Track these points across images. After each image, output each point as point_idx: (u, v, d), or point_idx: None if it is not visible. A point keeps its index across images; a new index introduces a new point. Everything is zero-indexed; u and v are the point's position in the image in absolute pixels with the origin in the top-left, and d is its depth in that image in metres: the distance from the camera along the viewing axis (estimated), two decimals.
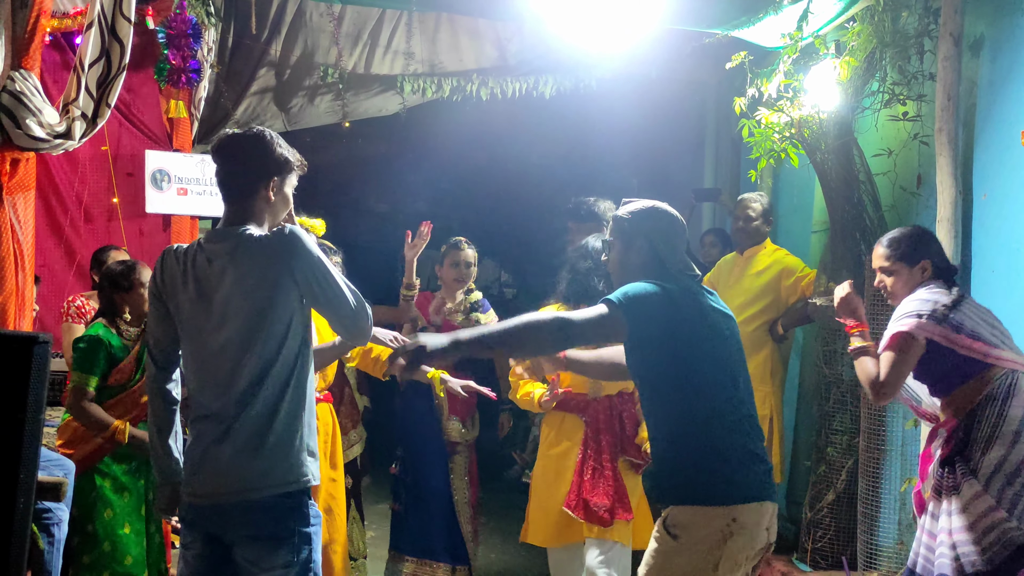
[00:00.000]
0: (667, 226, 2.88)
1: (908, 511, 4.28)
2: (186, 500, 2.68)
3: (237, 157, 2.68)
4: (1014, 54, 3.78)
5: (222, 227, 2.68)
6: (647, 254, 2.83)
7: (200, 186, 5.14)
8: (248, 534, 2.59)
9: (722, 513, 2.58)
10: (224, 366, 2.58)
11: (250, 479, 2.57)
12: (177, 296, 2.65)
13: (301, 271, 2.56)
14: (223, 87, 5.35)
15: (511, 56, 5.74)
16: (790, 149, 4.59)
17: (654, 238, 2.84)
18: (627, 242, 2.87)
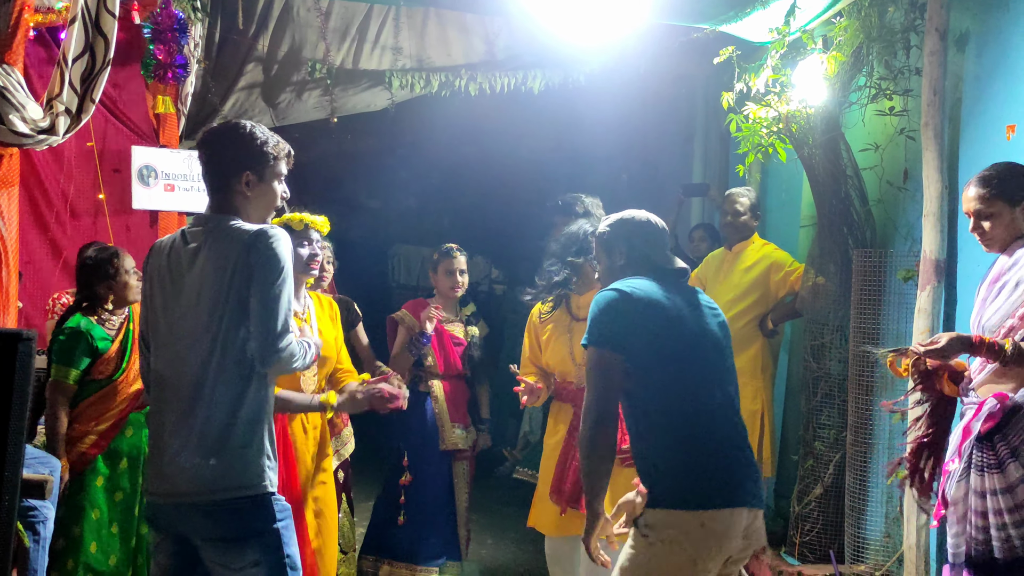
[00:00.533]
0: (643, 228, 2.96)
1: (895, 505, 4.30)
2: (148, 500, 2.66)
3: (213, 149, 2.68)
4: (999, 49, 3.79)
5: (203, 214, 2.67)
6: (629, 255, 2.93)
7: (187, 182, 5.11)
8: (212, 536, 2.55)
9: (690, 518, 2.59)
10: (186, 354, 2.55)
11: (208, 481, 2.51)
12: (160, 282, 2.63)
13: (258, 274, 2.51)
14: (210, 82, 5.32)
15: (499, 51, 5.73)
16: (778, 144, 4.59)
17: (633, 240, 2.93)
18: (609, 251, 2.98)
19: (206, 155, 2.69)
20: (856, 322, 4.41)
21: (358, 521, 4.83)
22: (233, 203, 2.64)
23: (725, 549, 2.62)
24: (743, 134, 4.62)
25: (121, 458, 3.97)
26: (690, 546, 2.57)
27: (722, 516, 2.60)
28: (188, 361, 2.54)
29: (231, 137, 2.65)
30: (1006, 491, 2.78)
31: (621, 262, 2.93)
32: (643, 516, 2.64)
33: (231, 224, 2.58)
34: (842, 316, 4.58)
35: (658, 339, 2.71)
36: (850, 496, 4.40)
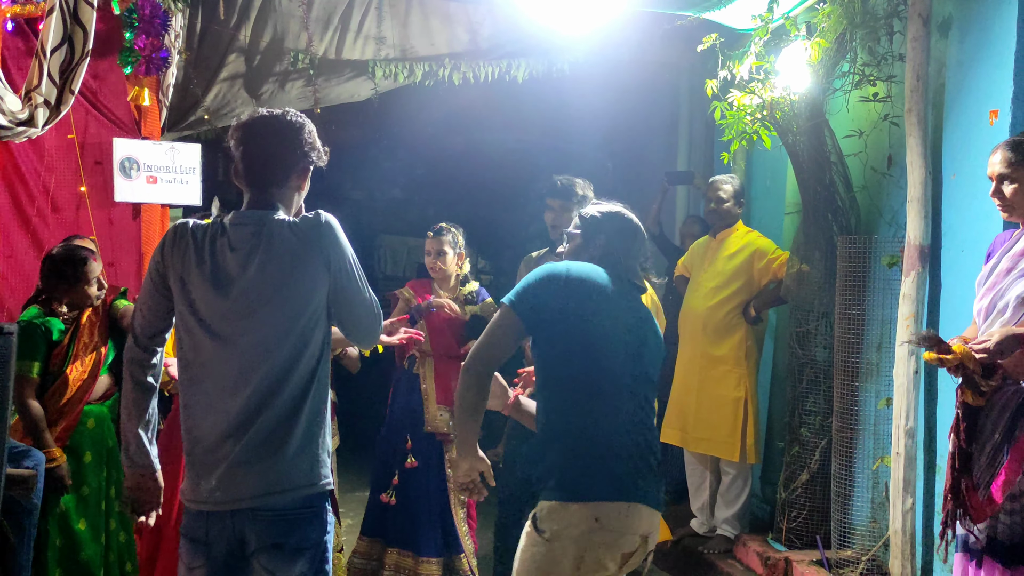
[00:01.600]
0: (629, 232, 2.92)
1: (880, 490, 4.32)
2: (196, 509, 2.49)
3: (273, 142, 2.50)
4: (981, 34, 3.80)
5: (248, 210, 2.52)
6: (602, 252, 2.86)
7: (170, 174, 5.07)
8: (272, 542, 2.45)
9: (584, 511, 2.56)
10: (243, 360, 2.43)
11: (272, 482, 2.42)
12: (187, 277, 2.47)
13: (336, 262, 2.46)
14: (192, 74, 5.27)
15: (483, 40, 5.70)
16: (762, 131, 4.60)
17: (613, 239, 2.88)
18: (588, 238, 2.91)
19: (266, 147, 2.51)
20: (841, 308, 4.42)
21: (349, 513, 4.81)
22: (285, 198, 2.54)
23: (621, 544, 2.57)
24: (727, 121, 4.62)
25: (84, 452, 3.91)
26: (584, 540, 2.54)
27: (618, 510, 2.57)
28: (254, 370, 2.42)
29: (298, 129, 2.52)
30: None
31: (594, 253, 2.88)
32: (538, 509, 2.61)
33: (279, 220, 2.48)
34: (827, 302, 4.59)
35: (576, 329, 2.66)
36: (836, 482, 4.42)
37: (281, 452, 2.43)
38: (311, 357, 2.48)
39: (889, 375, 4.20)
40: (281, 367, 2.43)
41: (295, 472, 2.45)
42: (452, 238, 4.57)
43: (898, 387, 4.09)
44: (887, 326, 4.32)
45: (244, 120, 2.52)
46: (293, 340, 2.44)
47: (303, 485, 2.46)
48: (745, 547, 4.91)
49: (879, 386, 4.35)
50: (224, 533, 2.45)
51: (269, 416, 2.43)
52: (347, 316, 2.54)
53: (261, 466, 2.42)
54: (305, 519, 2.47)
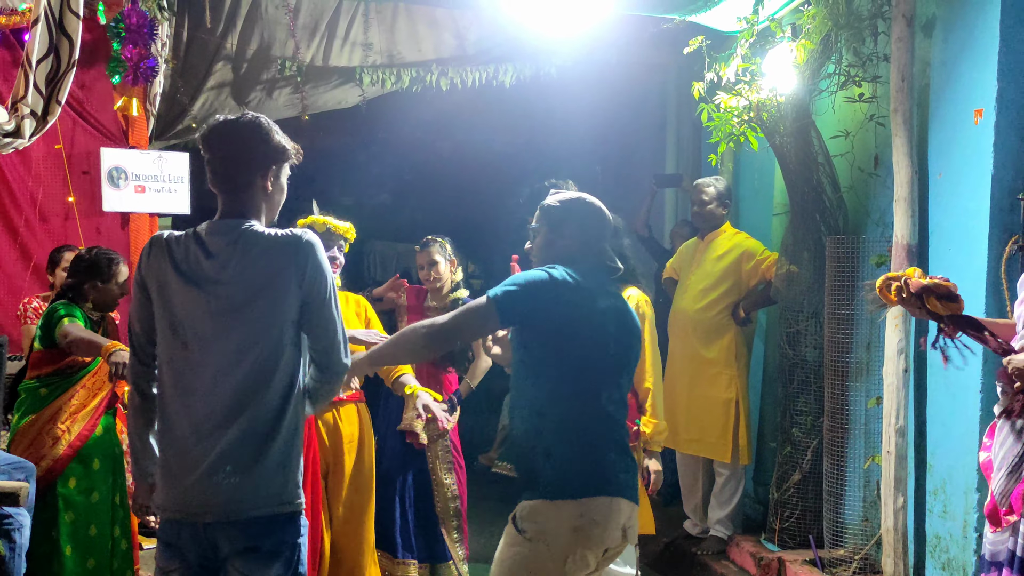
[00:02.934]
0: (596, 215, 2.91)
1: (872, 489, 4.34)
2: (167, 517, 2.48)
3: (233, 145, 2.50)
4: (965, 34, 3.82)
5: (220, 220, 2.52)
6: (574, 239, 2.84)
7: (158, 183, 5.07)
8: (246, 546, 2.44)
9: (572, 507, 2.57)
10: (215, 365, 2.42)
11: (247, 497, 2.41)
12: (164, 288, 2.47)
13: (309, 283, 2.44)
14: (179, 82, 5.28)
15: (470, 45, 5.71)
16: (749, 133, 4.62)
17: (585, 223, 2.87)
18: (555, 228, 2.87)
19: (226, 150, 2.51)
20: (830, 308, 4.43)
21: None
22: (253, 202, 2.53)
23: (605, 539, 2.60)
24: (714, 123, 4.64)
25: (93, 459, 3.93)
26: (572, 537, 2.56)
27: (603, 504, 2.60)
28: (228, 375, 2.41)
29: (257, 132, 2.51)
30: None
31: (564, 242, 2.84)
32: (519, 509, 2.62)
33: (258, 232, 2.48)
34: (816, 303, 4.61)
35: (563, 336, 2.68)
36: (828, 481, 4.44)
37: (253, 468, 2.42)
38: (285, 374, 2.46)
39: (879, 374, 4.21)
40: (253, 378, 2.42)
41: (266, 490, 2.44)
42: (440, 247, 4.60)
43: (888, 386, 4.10)
44: (876, 326, 4.33)
45: (205, 128, 2.54)
46: (265, 350, 2.43)
47: (274, 504, 2.45)
48: (738, 548, 4.92)
49: (869, 385, 4.37)
50: (196, 538, 2.45)
51: (241, 427, 2.41)
52: (314, 338, 2.52)
53: (231, 480, 2.41)
54: (279, 523, 2.47)
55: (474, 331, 2.79)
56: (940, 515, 3.96)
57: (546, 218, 2.91)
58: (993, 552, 2.90)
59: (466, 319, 2.70)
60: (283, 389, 2.47)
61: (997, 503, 2.84)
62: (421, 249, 4.62)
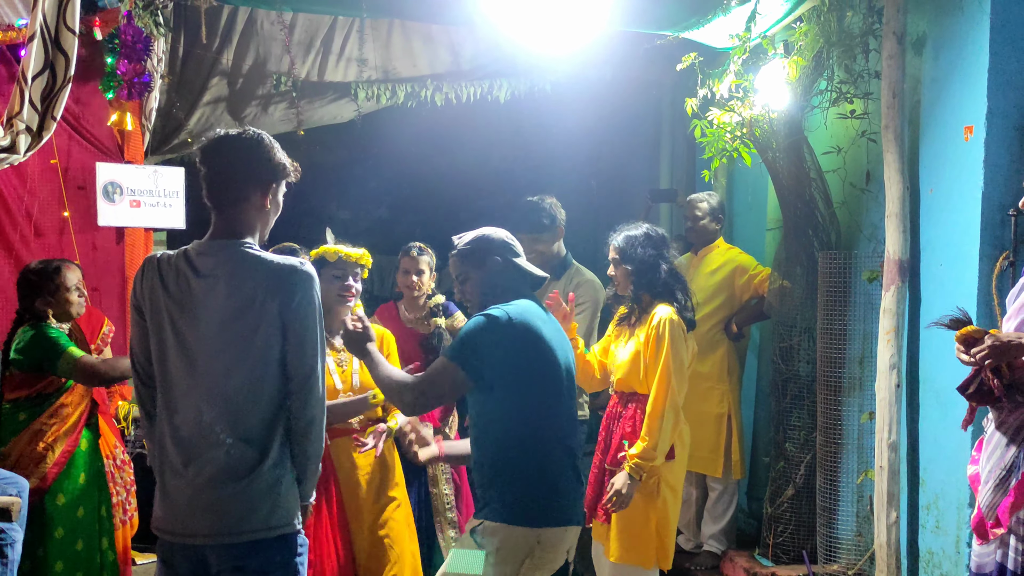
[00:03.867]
0: (498, 243, 3.05)
1: (865, 503, 4.34)
2: (162, 539, 2.49)
3: (231, 160, 2.47)
4: (955, 51, 3.85)
5: (213, 239, 2.50)
6: (502, 266, 3.01)
7: (153, 198, 5.09)
8: (234, 565, 2.43)
9: (529, 534, 2.78)
10: (204, 385, 2.41)
11: (236, 522, 2.41)
12: (155, 310, 2.46)
13: (293, 313, 2.42)
14: (175, 97, 5.30)
15: (465, 61, 5.74)
16: (742, 148, 4.64)
17: (502, 252, 3.03)
18: (479, 265, 3.02)
19: (222, 165, 2.48)
20: (823, 323, 4.45)
21: None
22: (246, 220, 2.50)
23: (555, 562, 2.84)
24: (708, 139, 4.67)
25: (79, 473, 3.93)
26: (522, 559, 2.78)
27: (557, 533, 2.82)
28: (214, 398, 2.41)
29: (257, 149, 2.49)
30: None
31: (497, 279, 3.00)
32: (480, 527, 2.80)
33: (252, 254, 2.45)
34: (809, 318, 4.62)
35: (526, 367, 2.84)
36: (821, 496, 4.44)
37: (241, 494, 2.41)
38: (271, 399, 2.46)
39: (871, 389, 4.22)
40: (239, 402, 2.41)
41: (255, 515, 2.42)
42: (429, 259, 4.60)
43: (880, 401, 4.11)
44: (869, 341, 4.34)
45: (204, 142, 2.52)
46: (251, 375, 2.42)
47: (261, 529, 2.43)
48: (732, 563, 4.91)
49: (862, 400, 4.38)
50: (187, 555, 2.46)
51: (228, 451, 2.40)
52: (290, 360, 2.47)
53: (219, 505, 2.40)
54: (266, 544, 2.45)
55: (450, 393, 2.92)
56: (933, 530, 3.96)
57: (466, 261, 3.06)
58: (979, 564, 2.89)
59: (438, 384, 2.84)
60: (269, 414, 2.46)
61: (984, 516, 2.84)
62: (417, 254, 4.57)
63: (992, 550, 2.84)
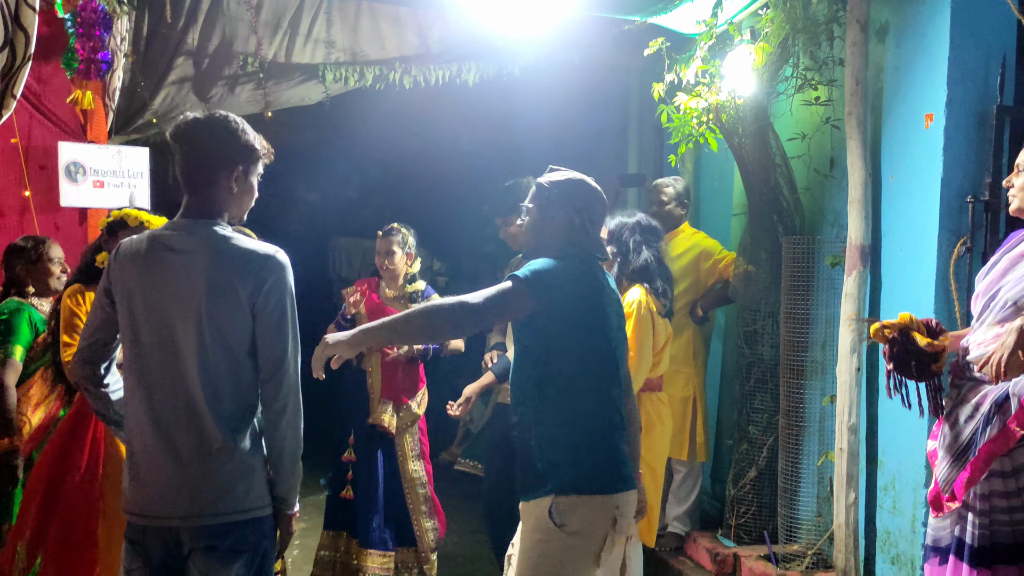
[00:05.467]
0: (587, 200, 2.88)
1: (825, 485, 4.41)
2: (134, 521, 2.48)
3: (199, 143, 2.49)
4: (917, 40, 3.90)
5: (183, 219, 2.51)
6: (563, 225, 2.82)
7: (117, 178, 5.02)
8: (204, 545, 2.43)
9: (610, 503, 2.66)
10: (176, 374, 2.42)
11: (206, 507, 2.41)
12: (127, 293, 2.46)
13: (264, 300, 2.43)
14: (139, 77, 5.23)
15: (433, 44, 5.72)
16: (708, 134, 4.67)
17: (573, 210, 2.83)
18: (544, 211, 2.86)
19: (191, 148, 2.49)
20: (787, 308, 4.50)
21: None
22: (218, 202, 2.51)
23: (627, 529, 2.74)
24: (675, 124, 4.69)
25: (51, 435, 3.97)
26: (608, 530, 2.63)
27: (631, 497, 2.73)
28: (187, 381, 2.41)
29: (224, 131, 2.49)
30: (1011, 474, 2.78)
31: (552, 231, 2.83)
32: (555, 505, 2.62)
33: (223, 235, 2.47)
34: (773, 302, 4.67)
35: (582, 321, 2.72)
36: (783, 478, 4.50)
37: (214, 477, 2.41)
38: (244, 383, 2.47)
39: (833, 373, 4.28)
40: (212, 385, 2.42)
41: (228, 498, 2.43)
42: (401, 238, 4.63)
43: (841, 384, 4.18)
44: (831, 325, 4.41)
45: (176, 124, 2.52)
46: (223, 359, 2.43)
47: (235, 512, 2.44)
48: (695, 544, 4.98)
49: (824, 384, 4.44)
50: (160, 535, 2.46)
51: (201, 435, 2.41)
52: (262, 347, 2.48)
53: (195, 486, 2.41)
54: (241, 524, 2.46)
55: (507, 311, 2.73)
56: (890, 510, 4.03)
57: (538, 199, 2.88)
58: (935, 538, 2.96)
59: (500, 302, 2.65)
60: (247, 398, 2.48)
61: (940, 490, 2.91)
62: (383, 236, 4.65)
63: (948, 524, 2.91)
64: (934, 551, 2.98)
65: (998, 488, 2.79)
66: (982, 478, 2.79)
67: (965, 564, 2.81)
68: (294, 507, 2.60)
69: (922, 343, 2.88)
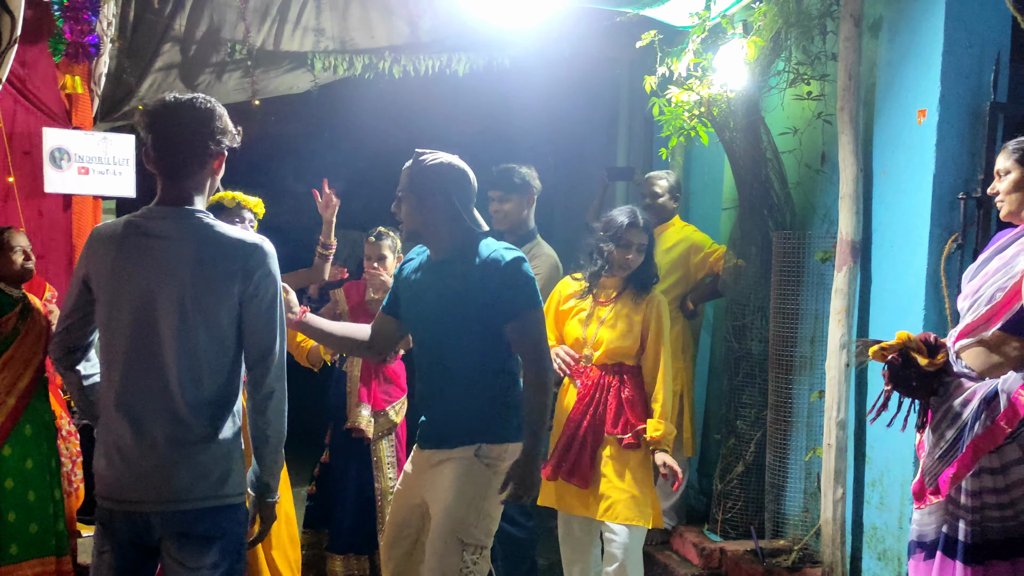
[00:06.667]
0: (461, 181, 3.08)
1: (812, 480, 4.41)
2: (104, 505, 2.45)
3: (177, 128, 2.42)
4: (911, 35, 3.89)
5: (163, 206, 2.46)
6: (444, 209, 3.03)
7: (103, 165, 4.96)
8: (177, 532, 2.41)
9: (512, 447, 3.01)
10: (157, 362, 2.38)
11: (181, 493, 2.38)
12: (105, 280, 2.42)
13: (255, 286, 2.42)
14: (125, 62, 5.16)
15: (423, 33, 5.67)
16: (700, 128, 4.65)
17: (450, 193, 3.04)
18: (421, 197, 3.04)
19: (169, 133, 2.43)
20: (776, 303, 4.49)
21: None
22: (197, 187, 2.47)
23: None
24: (666, 118, 4.67)
25: (24, 425, 3.99)
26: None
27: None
28: (167, 369, 2.38)
29: (200, 112, 2.44)
30: (1000, 471, 2.77)
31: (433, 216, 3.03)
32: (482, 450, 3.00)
33: (207, 222, 2.44)
34: (763, 297, 4.66)
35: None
36: (770, 473, 4.50)
37: (191, 463, 2.39)
38: (225, 372, 2.46)
39: (822, 368, 4.28)
40: (194, 373, 2.40)
41: (204, 484, 2.41)
42: (391, 242, 4.57)
43: (830, 380, 4.17)
44: (820, 320, 4.40)
45: (151, 106, 2.45)
46: (206, 347, 2.41)
47: (210, 499, 2.42)
48: (682, 538, 4.97)
49: (812, 379, 4.44)
50: (128, 519, 2.43)
51: (180, 422, 2.39)
52: (249, 335, 2.47)
53: (169, 471, 2.38)
54: (215, 511, 2.44)
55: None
56: (877, 506, 4.04)
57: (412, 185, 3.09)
58: (921, 533, 2.95)
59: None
60: (227, 384, 2.45)
61: (924, 482, 2.90)
62: (375, 240, 4.57)
63: (933, 520, 2.91)
64: (919, 546, 2.97)
65: (988, 485, 2.79)
66: (970, 475, 2.78)
67: (958, 562, 2.81)
68: (276, 494, 2.59)
69: (922, 362, 2.86)
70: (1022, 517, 2.74)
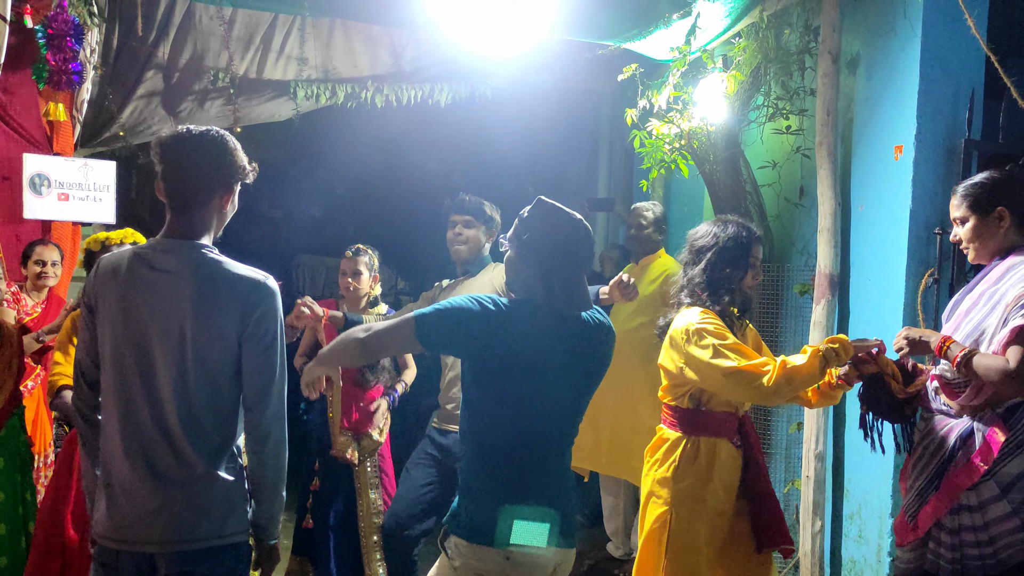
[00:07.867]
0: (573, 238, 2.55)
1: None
2: (102, 543, 2.39)
3: (192, 161, 2.35)
4: (887, 72, 3.96)
5: (169, 238, 2.39)
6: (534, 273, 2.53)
7: (83, 191, 4.95)
8: (181, 570, 2.35)
9: (493, 554, 2.43)
10: (159, 398, 2.33)
11: (183, 534, 2.33)
12: (112, 307, 2.36)
13: (255, 324, 2.35)
14: (108, 89, 5.16)
15: (406, 63, 5.72)
16: (680, 160, 4.69)
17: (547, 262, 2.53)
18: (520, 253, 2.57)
19: (183, 166, 2.36)
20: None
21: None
22: (206, 221, 2.40)
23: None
24: (646, 150, 4.70)
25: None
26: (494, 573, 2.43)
27: (526, 552, 2.44)
28: (169, 405, 2.33)
29: (218, 148, 2.38)
30: (977, 508, 2.78)
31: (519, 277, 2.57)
32: (450, 539, 2.49)
33: (212, 258, 2.38)
34: None
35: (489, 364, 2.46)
36: None
37: (194, 503, 2.35)
38: (226, 410, 2.40)
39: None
40: (195, 410, 2.35)
41: (207, 524, 2.36)
42: (369, 259, 4.56)
43: (808, 412, 4.20)
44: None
45: (164, 137, 2.39)
46: (207, 385, 2.36)
47: (213, 538, 2.37)
48: None
49: (791, 411, 4.46)
50: (134, 560, 2.37)
51: (182, 460, 2.34)
52: (249, 374, 2.39)
53: (173, 511, 2.33)
54: (218, 550, 2.39)
55: (398, 348, 2.68)
56: (856, 539, 4.05)
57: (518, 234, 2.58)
58: (904, 570, 2.98)
59: (393, 335, 2.47)
60: (228, 423, 2.41)
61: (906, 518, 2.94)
62: (352, 255, 4.55)
63: (914, 557, 2.93)
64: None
65: (967, 523, 2.81)
66: (949, 512, 2.81)
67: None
68: (276, 536, 2.53)
69: (895, 388, 2.91)
70: (1000, 555, 2.76)
